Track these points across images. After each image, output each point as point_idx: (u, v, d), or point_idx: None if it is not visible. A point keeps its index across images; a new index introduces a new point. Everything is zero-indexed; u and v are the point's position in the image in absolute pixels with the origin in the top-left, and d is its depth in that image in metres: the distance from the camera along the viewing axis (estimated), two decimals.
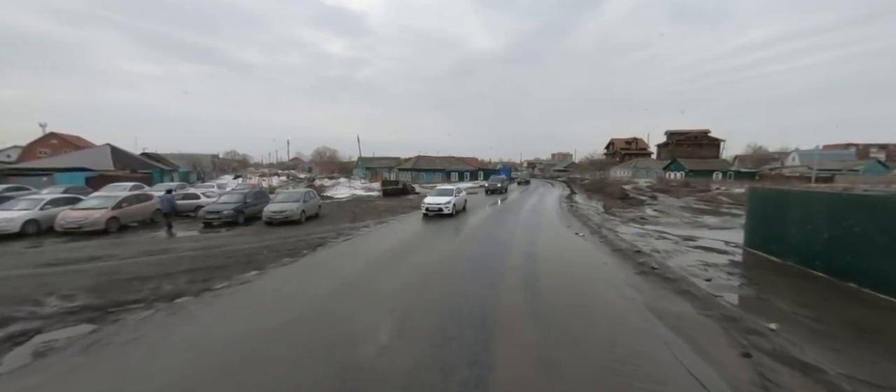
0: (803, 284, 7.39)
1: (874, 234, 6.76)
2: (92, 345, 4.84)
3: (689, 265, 8.91)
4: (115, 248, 11.18)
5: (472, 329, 5.22)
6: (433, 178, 56.05)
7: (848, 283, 7.17)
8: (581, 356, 4.57)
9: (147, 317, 5.79)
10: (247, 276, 7.94)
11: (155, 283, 7.48)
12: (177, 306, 6.24)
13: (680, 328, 5.33)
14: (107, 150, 38.95)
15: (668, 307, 6.15)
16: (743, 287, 7.37)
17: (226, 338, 5.04)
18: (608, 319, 5.64)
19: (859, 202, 7.42)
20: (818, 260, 8.02)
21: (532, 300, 6.47)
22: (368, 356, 4.51)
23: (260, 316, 5.84)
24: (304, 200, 17.21)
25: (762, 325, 5.37)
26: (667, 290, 7.03)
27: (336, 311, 6.00)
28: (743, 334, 5.11)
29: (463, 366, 4.25)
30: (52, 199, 14.91)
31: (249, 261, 9.27)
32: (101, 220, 13.77)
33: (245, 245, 11.37)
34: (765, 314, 5.85)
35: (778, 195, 10.01)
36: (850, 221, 7.26)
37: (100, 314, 5.90)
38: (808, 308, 6.11)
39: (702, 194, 31.04)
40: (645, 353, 4.61)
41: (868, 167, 59.29)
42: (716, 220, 17.22)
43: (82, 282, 7.58)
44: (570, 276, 8.02)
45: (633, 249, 10.34)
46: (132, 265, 8.99)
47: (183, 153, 70.14)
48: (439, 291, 6.90)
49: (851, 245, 7.21)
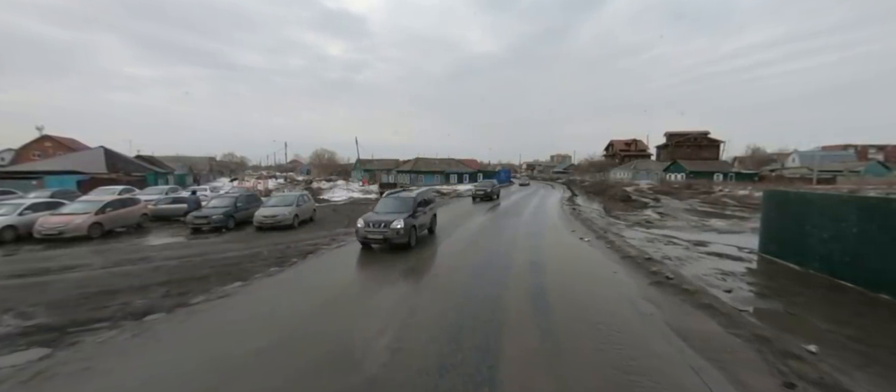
0: (832, 296, 6.79)
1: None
2: (35, 376, 4.20)
3: (704, 274, 8.31)
4: (93, 256, 10.54)
5: (473, 351, 4.61)
6: (432, 180, 55.44)
7: (880, 295, 6.58)
8: (601, 390, 3.96)
9: (108, 339, 5.15)
10: (228, 289, 7.31)
11: (126, 297, 6.84)
12: (144, 325, 5.60)
13: (708, 351, 4.72)
14: (100, 153, 38.33)
15: (690, 325, 5.54)
16: (767, 299, 6.76)
17: (191, 367, 4.41)
18: (627, 342, 5.01)
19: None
20: (844, 268, 7.42)
21: (541, 317, 5.86)
22: (358, 386, 3.89)
23: (236, 337, 5.21)
24: (298, 204, 16.60)
25: (800, 347, 4.77)
26: (686, 304, 6.42)
27: (323, 332, 5.38)
28: (780, 358, 4.50)
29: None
30: (33, 203, 14.26)
31: (233, 271, 8.63)
32: (83, 226, 13.11)
33: (232, 252, 10.73)
34: (799, 333, 5.25)
35: (797, 198, 9.42)
36: (882, 227, 6.68)
37: (56, 336, 5.26)
38: (845, 325, 5.51)
39: (705, 196, 30.49)
40: (673, 385, 4.00)
41: (869, 168, 58.82)
42: (723, 223, 16.64)
43: (47, 296, 6.94)
44: (579, 290, 7.38)
45: (643, 256, 9.73)
46: (107, 276, 8.35)
47: (179, 156, 69.51)
48: (438, 307, 6.28)
49: (884, 253, 6.62)
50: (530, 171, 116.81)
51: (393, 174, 58.50)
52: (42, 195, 17.95)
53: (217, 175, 66.04)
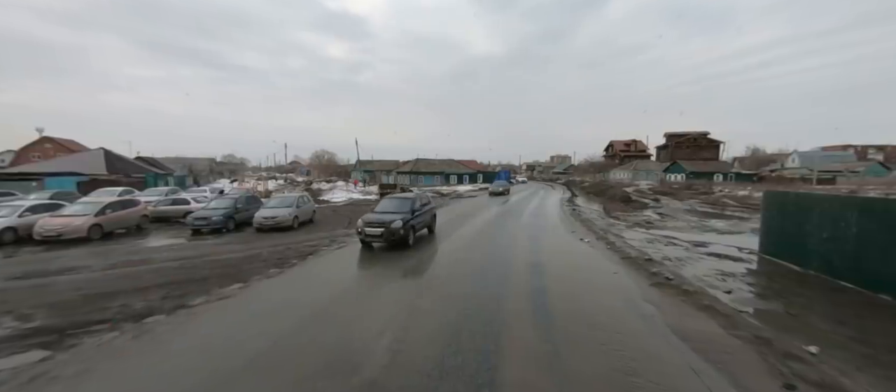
0: (833, 297, 6.79)
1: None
2: (36, 377, 4.20)
3: (704, 275, 8.31)
4: (93, 257, 10.53)
5: (473, 353, 4.61)
6: (432, 181, 55.45)
7: (881, 296, 6.58)
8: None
9: (109, 340, 5.15)
10: (227, 291, 7.30)
11: (127, 298, 6.83)
12: (145, 327, 5.59)
13: (709, 353, 4.71)
14: (100, 154, 38.24)
15: (691, 326, 5.54)
16: (768, 300, 6.76)
17: (191, 369, 4.40)
18: (628, 344, 5.00)
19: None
20: (846, 270, 7.42)
21: (541, 318, 5.85)
22: (358, 388, 3.88)
23: (235, 339, 5.20)
24: (297, 206, 16.59)
25: (801, 348, 4.77)
26: (686, 305, 6.42)
27: (322, 334, 5.37)
28: (781, 360, 4.50)
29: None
30: (32, 205, 14.26)
31: (233, 272, 8.62)
32: (83, 228, 13.11)
33: (231, 254, 10.72)
34: (800, 334, 5.25)
35: (798, 198, 9.43)
36: (882, 227, 6.67)
37: (57, 338, 5.25)
38: (846, 326, 5.51)
39: (705, 197, 30.50)
40: (674, 387, 3.99)
41: (870, 169, 58.79)
42: (723, 223, 16.65)
43: (48, 298, 6.93)
44: (580, 291, 7.37)
45: (643, 257, 9.73)
46: (107, 278, 8.34)
47: (179, 157, 69.42)
48: (438, 308, 6.27)
49: (885, 254, 6.62)
50: (530, 171, 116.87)
51: (393, 175, 58.47)
52: (42, 197, 17.94)
53: (217, 176, 65.99)
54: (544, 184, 65.80)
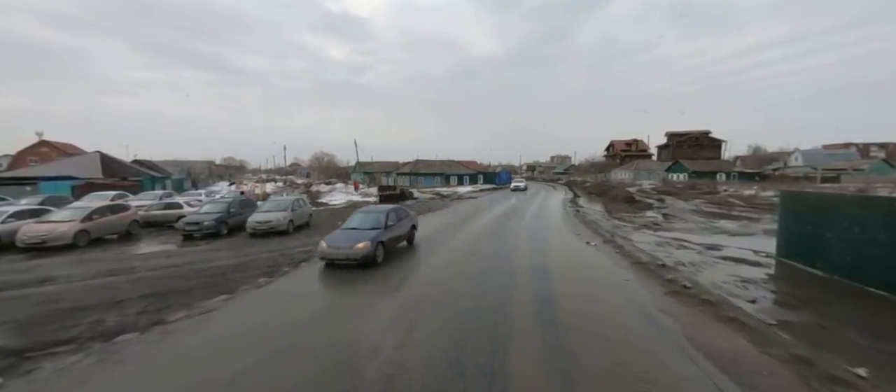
0: (866, 306, 6.25)
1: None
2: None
3: (723, 281, 7.77)
4: (74, 266, 10.01)
5: (477, 370, 4.08)
6: (432, 182, 54.94)
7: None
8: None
9: (69, 365, 4.63)
10: (211, 303, 6.78)
11: (101, 313, 6.31)
12: (113, 348, 5.07)
13: (738, 373, 4.19)
14: (96, 158, 37.75)
15: (716, 342, 5.00)
16: (796, 310, 6.22)
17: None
18: (645, 362, 4.47)
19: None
20: (875, 275, 6.88)
21: (548, 332, 5.32)
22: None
23: (214, 359, 4.70)
24: (293, 209, 16.05)
25: (846, 370, 4.23)
26: (708, 317, 5.89)
27: (313, 348, 4.85)
28: (827, 386, 3.96)
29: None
30: (17, 210, 13.74)
31: (220, 282, 8.10)
32: (69, 234, 12.59)
33: (221, 261, 10.21)
34: (840, 352, 4.70)
35: (818, 199, 8.89)
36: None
37: (13, 361, 4.73)
38: (889, 341, 4.97)
39: (710, 196, 29.93)
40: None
41: (874, 167, 58.15)
42: (734, 225, 16.08)
43: (15, 313, 6.41)
44: (589, 301, 6.83)
45: (655, 262, 9.19)
46: (84, 289, 7.82)
47: (177, 159, 68.98)
48: (438, 318, 5.74)
49: None
50: (530, 172, 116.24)
51: (393, 176, 57.95)
52: (32, 201, 17.45)
53: (216, 179, 65.55)
54: (545, 184, 65.27)
